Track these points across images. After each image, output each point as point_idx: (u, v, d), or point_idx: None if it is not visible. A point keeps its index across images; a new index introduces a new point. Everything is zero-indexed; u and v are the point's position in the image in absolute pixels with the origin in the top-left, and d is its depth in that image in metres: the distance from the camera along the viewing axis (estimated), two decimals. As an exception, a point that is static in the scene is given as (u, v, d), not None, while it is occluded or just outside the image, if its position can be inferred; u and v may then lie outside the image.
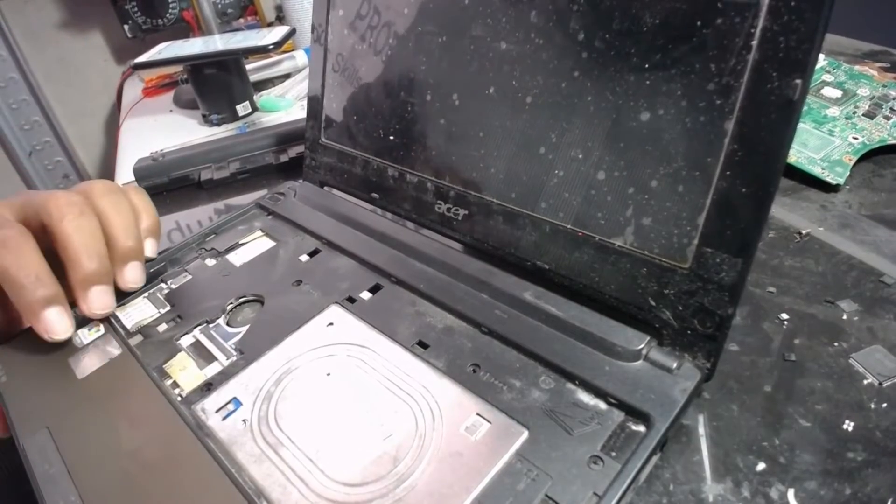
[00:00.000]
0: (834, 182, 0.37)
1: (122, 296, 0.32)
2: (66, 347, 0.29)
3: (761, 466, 0.22)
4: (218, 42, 0.65)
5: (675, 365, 0.23)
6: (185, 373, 0.28)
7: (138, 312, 0.32)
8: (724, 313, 0.23)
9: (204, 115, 0.65)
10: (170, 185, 0.50)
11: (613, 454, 0.21)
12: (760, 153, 0.21)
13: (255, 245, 0.36)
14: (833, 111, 0.42)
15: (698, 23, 0.22)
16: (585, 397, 0.23)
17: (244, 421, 0.25)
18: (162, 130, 0.69)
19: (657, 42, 0.23)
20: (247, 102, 0.65)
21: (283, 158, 0.50)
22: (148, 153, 0.52)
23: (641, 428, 0.22)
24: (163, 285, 0.34)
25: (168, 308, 0.32)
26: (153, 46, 0.66)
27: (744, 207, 0.22)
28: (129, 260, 0.31)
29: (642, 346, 0.24)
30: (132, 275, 0.31)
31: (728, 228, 0.22)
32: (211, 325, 0.30)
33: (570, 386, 0.24)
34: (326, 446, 0.23)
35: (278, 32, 0.63)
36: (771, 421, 0.24)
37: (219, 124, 0.64)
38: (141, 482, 0.22)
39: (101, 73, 1.11)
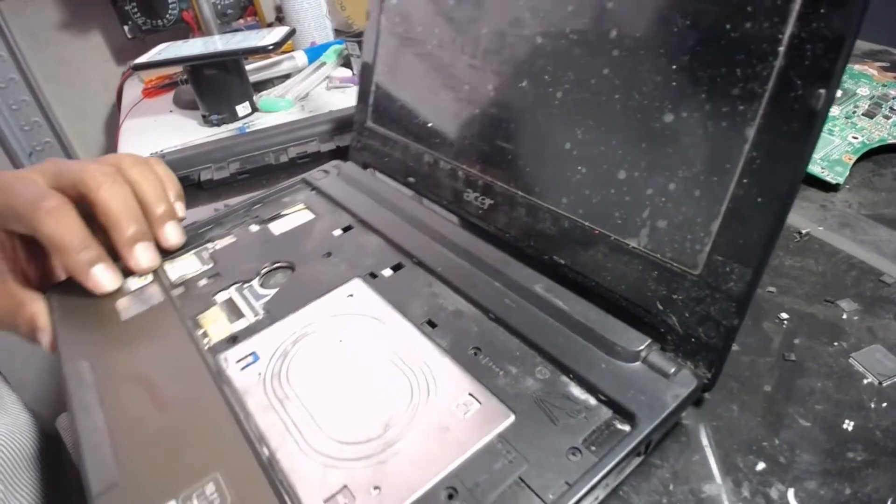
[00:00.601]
0: (834, 181, 0.37)
1: (169, 253, 0.35)
2: (115, 291, 0.32)
3: (761, 466, 0.22)
4: (218, 42, 0.65)
5: (672, 370, 0.23)
6: (215, 325, 0.30)
7: (183, 267, 0.35)
8: (729, 324, 0.22)
9: (204, 116, 0.65)
10: (170, 185, 0.50)
11: (593, 448, 0.21)
12: (779, 163, 0.20)
13: (295, 216, 0.38)
14: (833, 110, 0.41)
15: (727, 25, 0.21)
16: (577, 391, 0.23)
17: (259, 374, 0.27)
18: (162, 131, 0.68)
19: (686, 43, 0.23)
20: (247, 103, 0.65)
21: (283, 159, 0.49)
22: (148, 154, 0.52)
23: (626, 427, 0.22)
24: (209, 245, 0.37)
25: (210, 265, 0.35)
26: (153, 47, 0.66)
27: (758, 217, 0.21)
28: (166, 221, 0.34)
29: (642, 348, 0.24)
30: (172, 233, 0.34)
31: (740, 237, 0.22)
32: (245, 285, 0.33)
33: (563, 378, 0.24)
34: (327, 405, 0.24)
35: (278, 33, 0.63)
36: (771, 421, 0.24)
37: (219, 125, 0.64)
38: (160, 417, 0.25)
39: (101, 74, 1.10)
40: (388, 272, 0.32)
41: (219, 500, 0.21)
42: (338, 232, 0.36)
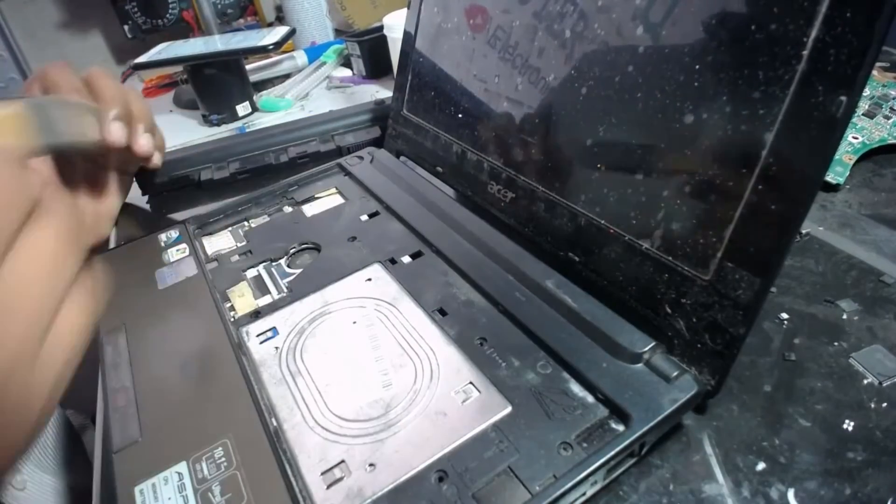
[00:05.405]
0: (834, 181, 0.37)
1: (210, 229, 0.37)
2: (155, 262, 0.34)
3: (761, 466, 0.22)
4: (218, 42, 0.65)
5: (674, 374, 0.23)
6: (242, 299, 0.32)
7: (219, 242, 0.37)
8: (735, 332, 0.22)
9: (204, 115, 0.65)
10: (170, 185, 0.48)
11: (584, 445, 0.21)
12: (795, 170, 0.20)
13: (327, 200, 0.40)
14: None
15: (753, 26, 0.21)
16: (576, 388, 0.23)
17: (276, 348, 0.28)
18: (161, 130, 0.69)
19: (711, 43, 0.22)
20: (247, 102, 0.65)
21: (283, 158, 0.49)
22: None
23: (620, 427, 0.22)
24: (245, 223, 0.39)
25: (244, 243, 0.36)
26: (153, 47, 0.66)
27: (771, 226, 0.21)
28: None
29: (645, 349, 0.23)
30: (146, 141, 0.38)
31: (752, 245, 0.21)
32: (273, 264, 0.34)
33: (564, 374, 0.24)
34: (335, 383, 0.26)
35: (278, 33, 0.62)
36: (771, 421, 0.24)
37: (219, 124, 0.64)
38: (181, 381, 0.26)
39: None
40: (407, 259, 0.32)
41: (226, 463, 0.22)
42: (364, 217, 0.37)
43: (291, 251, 0.35)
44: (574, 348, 0.25)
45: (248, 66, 0.69)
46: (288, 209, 0.40)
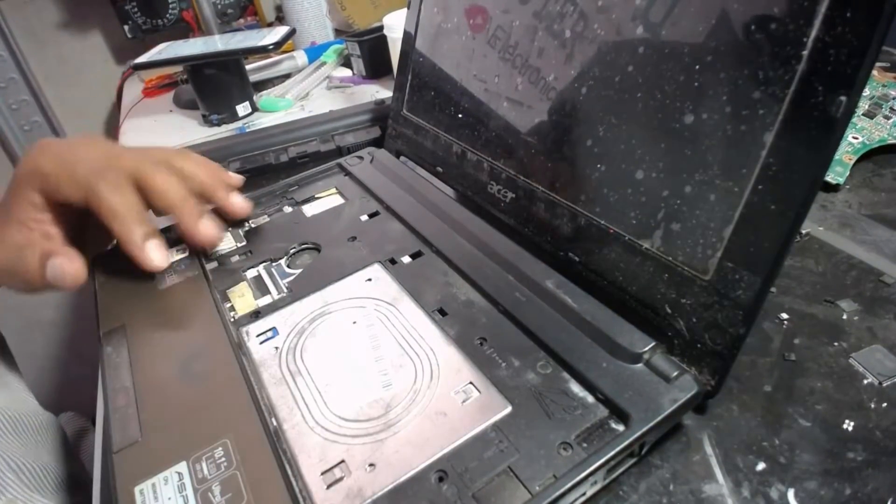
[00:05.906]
0: (834, 182, 0.37)
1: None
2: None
3: (761, 466, 0.22)
4: (218, 42, 0.65)
5: (674, 374, 0.23)
6: (242, 299, 0.32)
7: (220, 243, 0.37)
8: (735, 332, 0.22)
9: (204, 115, 0.65)
10: (170, 185, 0.48)
11: (584, 445, 0.21)
12: (795, 170, 0.20)
13: (327, 200, 0.40)
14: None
15: (753, 27, 0.21)
16: (576, 388, 0.23)
17: (276, 348, 0.28)
18: (162, 130, 0.68)
19: (710, 43, 0.22)
20: (247, 102, 0.65)
21: (283, 158, 0.49)
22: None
23: (620, 427, 0.22)
24: (245, 223, 0.39)
25: (244, 243, 0.36)
26: (153, 47, 0.67)
27: (770, 225, 0.21)
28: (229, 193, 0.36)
29: (645, 349, 0.23)
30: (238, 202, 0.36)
31: (752, 245, 0.21)
32: (273, 264, 0.34)
33: (564, 374, 0.24)
34: (335, 383, 0.26)
35: (278, 32, 0.62)
36: (771, 421, 0.24)
37: (219, 124, 0.64)
38: (181, 381, 0.26)
39: (101, 73, 1.08)
40: (406, 259, 0.32)
41: (226, 463, 0.22)
42: (364, 217, 0.37)
43: (291, 251, 0.35)
44: (574, 348, 0.25)
45: (248, 66, 0.69)
46: (288, 209, 0.40)
